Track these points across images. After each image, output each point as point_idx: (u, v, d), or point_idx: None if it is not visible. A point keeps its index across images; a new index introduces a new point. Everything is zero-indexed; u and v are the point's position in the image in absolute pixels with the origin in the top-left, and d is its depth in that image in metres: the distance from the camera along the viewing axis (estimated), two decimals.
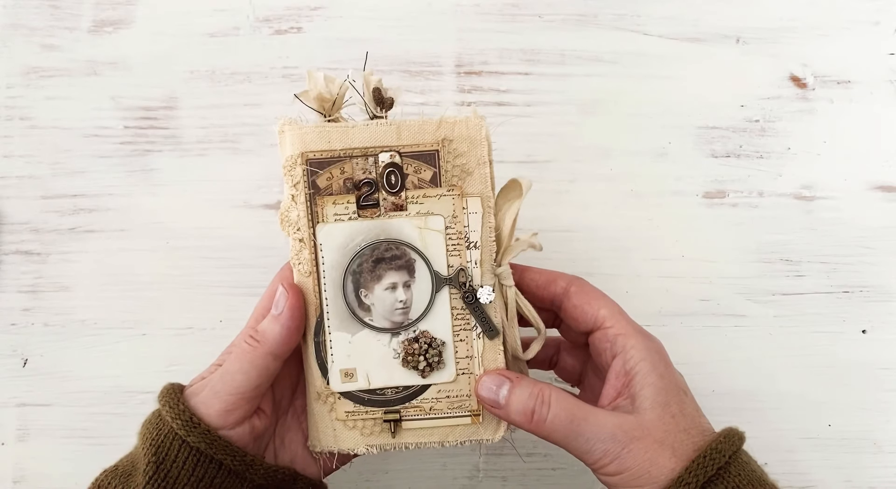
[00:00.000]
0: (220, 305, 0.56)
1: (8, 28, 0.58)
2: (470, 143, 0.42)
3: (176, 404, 0.40)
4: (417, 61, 0.58)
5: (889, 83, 0.59)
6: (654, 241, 0.57)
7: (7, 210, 0.57)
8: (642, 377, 0.41)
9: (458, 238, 0.42)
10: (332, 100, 0.42)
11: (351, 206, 0.42)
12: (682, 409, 0.41)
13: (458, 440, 0.43)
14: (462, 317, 0.42)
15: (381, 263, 0.42)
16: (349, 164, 0.41)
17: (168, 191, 0.57)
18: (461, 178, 0.42)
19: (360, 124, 0.42)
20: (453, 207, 0.42)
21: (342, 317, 0.42)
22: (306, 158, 0.41)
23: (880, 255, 0.57)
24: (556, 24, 0.59)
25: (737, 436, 0.40)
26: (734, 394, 0.40)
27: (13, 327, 0.56)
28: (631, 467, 0.39)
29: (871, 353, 0.57)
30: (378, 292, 0.42)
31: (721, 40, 0.59)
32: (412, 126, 0.41)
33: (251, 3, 0.59)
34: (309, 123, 0.42)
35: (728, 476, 0.38)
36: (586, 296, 0.44)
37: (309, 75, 0.41)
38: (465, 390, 0.43)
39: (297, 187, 0.42)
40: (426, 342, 0.42)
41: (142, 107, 0.58)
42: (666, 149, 0.58)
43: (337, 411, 0.43)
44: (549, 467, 0.56)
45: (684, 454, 0.39)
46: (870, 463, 0.56)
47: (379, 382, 0.43)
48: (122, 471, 0.41)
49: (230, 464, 0.40)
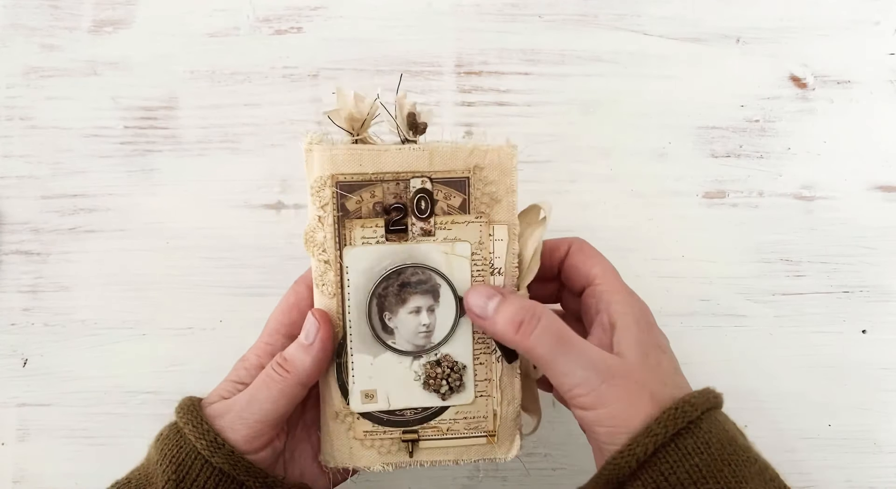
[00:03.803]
0: (220, 305, 0.56)
1: (8, 28, 0.58)
2: (501, 172, 0.41)
3: (199, 424, 0.40)
4: (417, 61, 0.58)
5: (889, 83, 0.59)
6: (654, 241, 0.57)
7: (7, 210, 0.57)
8: (625, 328, 0.40)
9: (483, 264, 0.42)
10: (362, 119, 0.41)
11: (379, 230, 0.41)
12: (659, 363, 0.40)
13: (472, 459, 0.44)
14: (483, 340, 0.43)
15: (406, 287, 0.42)
16: (380, 188, 0.41)
17: (168, 191, 0.57)
18: (490, 206, 0.42)
19: (393, 148, 0.41)
20: (480, 234, 0.42)
21: (365, 339, 0.42)
22: (336, 180, 0.40)
23: (880, 255, 0.57)
24: (556, 24, 0.59)
25: (713, 394, 0.40)
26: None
27: (13, 327, 0.56)
28: (609, 403, 0.38)
29: (871, 353, 0.57)
30: (402, 316, 0.42)
31: (721, 40, 0.59)
32: (444, 152, 0.41)
33: (251, 3, 0.59)
34: (338, 143, 0.41)
35: (699, 431, 0.37)
36: (583, 255, 0.44)
37: (339, 93, 0.40)
38: (483, 412, 0.43)
39: (325, 209, 0.41)
40: (448, 366, 0.42)
41: (142, 107, 0.58)
42: (666, 149, 0.58)
43: (355, 431, 0.43)
44: (549, 467, 0.56)
45: (662, 402, 0.38)
46: (870, 463, 0.56)
47: (399, 404, 0.43)
48: (135, 485, 0.40)
49: (252, 485, 0.40)
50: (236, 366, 0.44)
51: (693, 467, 0.37)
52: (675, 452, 0.37)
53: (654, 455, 0.37)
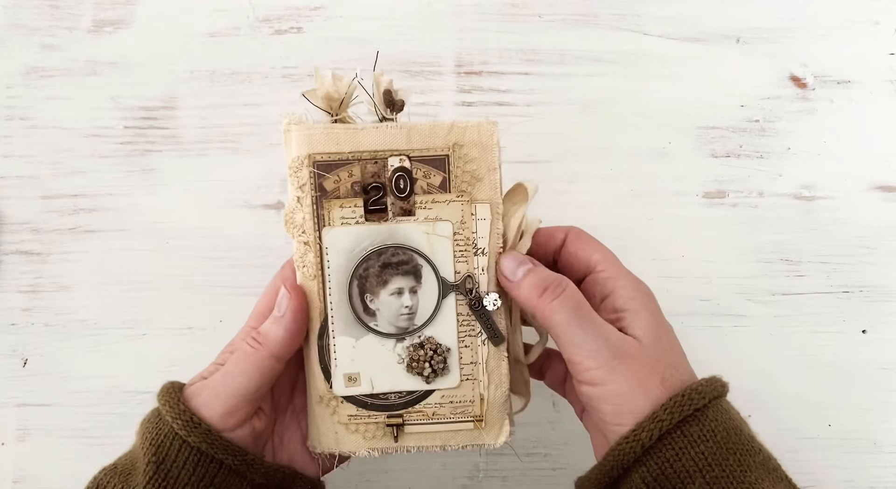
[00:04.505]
0: (220, 305, 0.56)
1: (8, 28, 0.58)
2: (481, 149, 0.41)
3: (176, 404, 0.40)
4: (417, 61, 0.58)
5: (889, 83, 0.59)
6: (654, 241, 0.57)
7: (7, 210, 0.57)
8: (634, 313, 0.40)
9: (466, 244, 0.42)
10: (340, 99, 0.41)
11: (358, 210, 0.41)
12: (672, 347, 0.40)
13: (459, 444, 0.43)
14: (467, 323, 0.42)
15: (387, 268, 0.42)
16: (357, 167, 0.41)
17: (168, 191, 0.57)
18: (471, 184, 0.41)
19: (370, 126, 0.41)
20: (462, 213, 0.41)
21: (347, 321, 0.42)
22: (313, 160, 0.41)
23: (880, 255, 0.57)
24: (556, 24, 0.59)
25: (719, 383, 0.40)
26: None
27: (13, 327, 0.56)
28: (618, 380, 0.38)
29: (871, 353, 0.57)
30: (384, 297, 0.42)
31: (721, 40, 0.59)
32: (422, 130, 0.41)
33: (251, 3, 0.59)
34: (316, 123, 0.41)
35: (705, 419, 0.37)
36: (581, 243, 0.44)
37: (316, 73, 0.41)
38: (469, 396, 0.43)
39: (303, 189, 0.41)
40: (431, 348, 0.42)
41: (142, 107, 0.58)
42: (666, 149, 0.58)
43: (339, 415, 0.43)
44: (549, 467, 0.56)
45: (672, 387, 0.38)
46: (870, 463, 0.56)
47: (383, 387, 0.42)
48: (121, 470, 0.41)
49: (231, 463, 0.40)
50: (223, 350, 0.44)
51: (698, 454, 0.37)
52: (681, 439, 0.37)
53: (660, 441, 0.37)
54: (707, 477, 0.37)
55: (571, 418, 0.46)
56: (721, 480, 0.37)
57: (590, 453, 0.42)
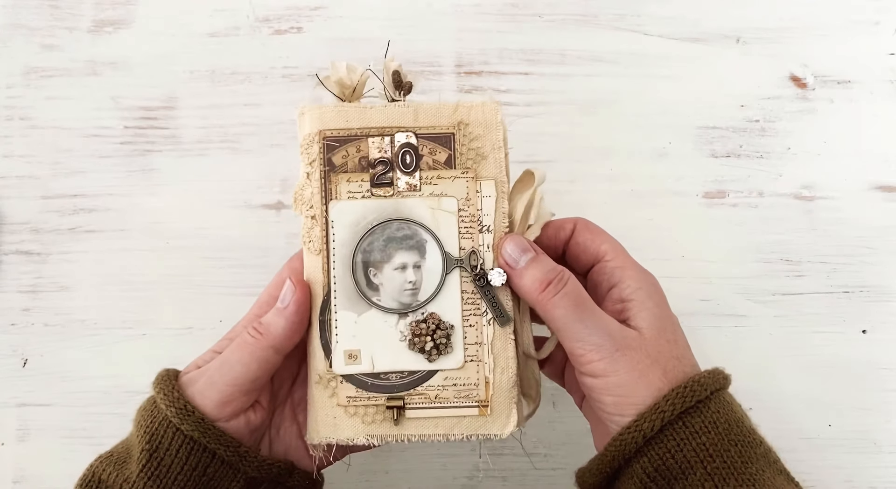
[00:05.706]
0: (220, 305, 0.56)
1: (8, 28, 0.58)
2: (485, 128, 0.42)
3: (171, 392, 0.40)
4: (417, 61, 0.58)
5: (889, 83, 0.59)
6: (654, 241, 0.57)
7: (7, 210, 0.57)
8: (639, 303, 0.40)
9: (471, 221, 0.42)
10: (353, 87, 0.43)
11: (365, 185, 0.42)
12: (676, 338, 0.40)
13: (463, 433, 0.41)
14: (472, 301, 0.42)
15: (391, 242, 0.42)
16: (365, 142, 0.42)
17: (168, 191, 0.57)
18: (476, 162, 0.42)
19: (379, 105, 0.42)
20: (467, 190, 0.42)
21: (350, 295, 0.42)
22: (323, 136, 0.42)
23: (880, 255, 0.57)
24: (556, 24, 0.59)
25: (722, 375, 0.40)
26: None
27: (13, 327, 0.56)
28: (620, 371, 0.38)
29: (871, 353, 0.57)
30: (388, 272, 0.42)
31: (721, 40, 0.59)
32: (429, 109, 0.42)
33: (251, 3, 0.59)
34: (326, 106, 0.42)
35: (707, 411, 0.38)
36: (590, 234, 0.44)
37: (332, 64, 0.42)
38: (473, 378, 0.42)
39: (313, 165, 0.42)
40: (434, 323, 0.41)
41: (142, 107, 0.58)
42: (666, 149, 0.58)
43: (338, 396, 0.42)
44: (549, 467, 0.56)
45: (674, 378, 0.38)
46: (870, 463, 0.56)
47: (384, 366, 0.42)
48: (116, 458, 0.41)
49: (224, 454, 0.39)
50: (222, 337, 0.43)
51: (700, 445, 0.37)
52: (683, 430, 0.37)
53: (661, 432, 0.37)
54: (708, 468, 0.37)
55: (571, 418, 0.46)
56: (722, 471, 0.37)
57: (590, 454, 0.42)
